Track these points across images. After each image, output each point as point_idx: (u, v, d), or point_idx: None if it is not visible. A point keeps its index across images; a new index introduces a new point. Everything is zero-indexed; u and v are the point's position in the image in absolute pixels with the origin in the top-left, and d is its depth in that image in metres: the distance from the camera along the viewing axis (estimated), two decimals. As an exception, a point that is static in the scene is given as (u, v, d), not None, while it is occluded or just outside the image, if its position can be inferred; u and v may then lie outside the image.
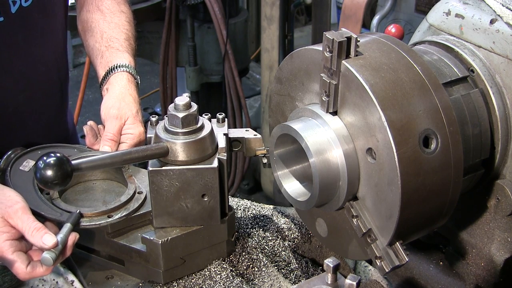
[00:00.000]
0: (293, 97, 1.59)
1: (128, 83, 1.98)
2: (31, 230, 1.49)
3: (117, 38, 2.11)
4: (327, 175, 1.41)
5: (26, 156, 1.76)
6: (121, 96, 1.93)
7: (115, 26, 2.15)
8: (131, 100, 1.93)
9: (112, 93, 1.95)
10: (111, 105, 1.90)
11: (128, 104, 1.91)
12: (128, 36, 2.15)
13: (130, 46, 2.13)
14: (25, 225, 1.49)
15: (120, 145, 1.86)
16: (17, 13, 1.96)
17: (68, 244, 1.52)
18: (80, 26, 2.26)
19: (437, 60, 1.67)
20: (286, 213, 2.02)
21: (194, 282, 1.67)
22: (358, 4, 3.34)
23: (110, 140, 1.83)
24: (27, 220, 1.50)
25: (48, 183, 1.39)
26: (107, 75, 2.01)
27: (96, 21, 2.17)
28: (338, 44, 1.33)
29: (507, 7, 1.59)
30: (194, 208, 1.62)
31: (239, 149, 1.75)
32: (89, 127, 1.89)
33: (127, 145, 1.85)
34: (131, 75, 2.01)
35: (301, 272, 1.80)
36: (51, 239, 1.47)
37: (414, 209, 1.34)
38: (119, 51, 2.07)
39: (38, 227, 1.49)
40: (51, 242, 1.47)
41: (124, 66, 2.01)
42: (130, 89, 1.96)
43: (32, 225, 1.49)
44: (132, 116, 1.89)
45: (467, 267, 1.81)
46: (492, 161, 1.65)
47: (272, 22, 4.49)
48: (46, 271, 1.52)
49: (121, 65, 2.01)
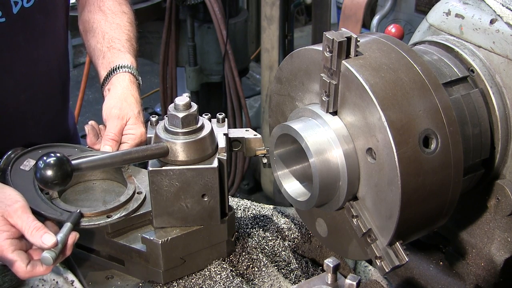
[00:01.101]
0: (293, 97, 1.59)
1: (130, 84, 1.98)
2: (31, 230, 1.49)
3: (119, 38, 2.11)
4: (327, 175, 1.41)
5: (27, 155, 1.76)
6: (123, 97, 1.93)
7: (116, 26, 2.15)
8: (133, 101, 1.93)
9: (114, 94, 1.95)
10: (113, 105, 1.90)
11: (130, 105, 1.91)
12: (130, 36, 2.15)
13: (132, 47, 2.13)
14: (24, 224, 1.49)
15: (121, 145, 1.85)
16: (19, 14, 1.96)
17: (68, 244, 1.52)
18: (82, 27, 2.25)
19: (437, 60, 1.67)
20: (286, 213, 2.02)
21: (194, 282, 1.67)
22: (358, 4, 3.34)
23: (111, 140, 1.83)
24: (27, 219, 1.49)
25: (48, 183, 1.38)
26: (108, 76, 2.01)
27: (97, 21, 2.17)
28: (338, 44, 1.33)
29: (507, 7, 1.59)
30: (194, 208, 1.62)
31: (239, 149, 1.75)
32: (90, 126, 1.89)
33: (128, 145, 1.84)
34: (133, 75, 2.00)
35: (301, 272, 1.80)
36: (50, 238, 1.47)
37: (414, 209, 1.34)
38: (121, 51, 2.07)
39: (38, 226, 1.49)
40: (50, 241, 1.46)
41: (126, 66, 2.00)
42: (132, 89, 1.96)
43: (32, 224, 1.49)
44: (134, 116, 1.89)
45: (467, 267, 1.81)
46: (492, 161, 1.65)
47: (272, 22, 4.49)
48: (46, 270, 1.52)
49: (123, 65, 2.00)
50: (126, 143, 1.85)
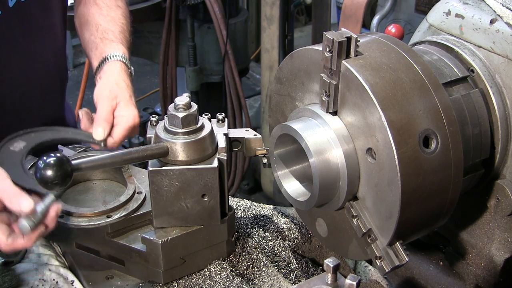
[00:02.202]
0: (293, 97, 1.59)
1: (122, 71, 1.96)
2: (10, 196, 1.45)
3: (112, 30, 2.12)
4: (327, 175, 1.41)
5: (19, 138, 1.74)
6: (115, 82, 1.91)
7: (110, 19, 2.16)
8: (124, 85, 1.91)
9: (105, 79, 1.93)
10: (103, 88, 1.88)
11: (121, 89, 1.89)
12: (123, 29, 2.16)
13: (125, 39, 2.13)
14: (4, 193, 1.45)
15: (114, 127, 1.81)
16: (15, 7, 1.97)
17: (50, 215, 1.47)
18: (77, 21, 2.27)
19: (437, 60, 1.67)
20: (286, 213, 2.02)
21: (194, 282, 1.67)
22: (358, 4, 3.34)
23: (103, 121, 1.79)
24: (7, 188, 1.46)
25: (48, 183, 1.38)
26: (101, 65, 2.00)
27: (92, 14, 2.18)
28: (338, 44, 1.33)
29: (507, 7, 1.59)
30: (194, 208, 1.62)
31: (239, 149, 1.75)
32: (84, 111, 1.86)
33: (121, 127, 1.81)
34: (124, 64, 2.00)
35: (301, 272, 1.80)
36: (28, 203, 1.43)
37: (414, 209, 1.34)
38: (113, 42, 2.07)
39: (17, 192, 1.45)
40: (28, 206, 1.42)
41: (117, 56, 2.01)
42: (123, 76, 1.95)
43: (11, 191, 1.45)
44: (125, 99, 1.86)
45: (467, 267, 1.81)
46: (492, 161, 1.65)
47: (272, 22, 4.49)
48: (27, 243, 1.48)
49: (115, 55, 2.00)
50: (119, 125, 1.81)
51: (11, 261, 1.71)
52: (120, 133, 1.80)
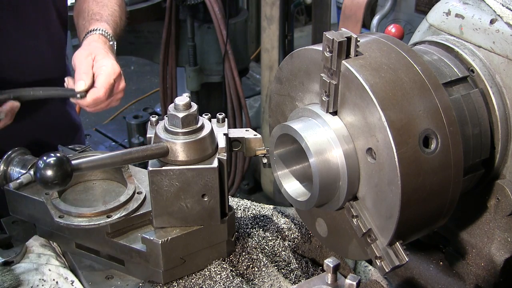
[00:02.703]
0: (293, 97, 1.59)
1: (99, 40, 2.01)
2: None
3: (101, 13, 2.17)
4: (327, 175, 1.41)
5: None
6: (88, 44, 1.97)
7: (103, 5, 2.21)
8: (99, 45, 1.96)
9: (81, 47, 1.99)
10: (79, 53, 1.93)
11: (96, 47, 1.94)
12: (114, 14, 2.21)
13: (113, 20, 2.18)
14: None
15: (96, 77, 1.86)
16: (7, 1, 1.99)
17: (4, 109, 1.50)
18: (75, 12, 2.32)
19: (437, 60, 1.67)
20: (286, 213, 2.02)
21: (194, 282, 1.67)
22: (358, 4, 3.34)
23: (82, 74, 1.83)
24: None
25: (48, 183, 1.38)
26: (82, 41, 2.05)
27: (87, 2, 2.24)
28: (338, 44, 1.33)
29: (507, 7, 1.59)
30: (194, 208, 1.62)
31: (239, 149, 1.75)
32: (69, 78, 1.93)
33: (103, 76, 1.85)
34: (104, 36, 2.04)
35: (301, 272, 1.80)
36: None
37: (414, 209, 1.34)
38: (98, 21, 2.12)
39: None
40: None
41: (98, 29, 2.05)
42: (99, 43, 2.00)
43: None
44: (101, 53, 1.91)
45: (467, 267, 1.81)
46: (492, 161, 1.65)
47: (272, 22, 4.49)
48: None
49: (96, 29, 2.05)
50: (101, 75, 1.85)
51: (11, 261, 1.71)
52: (104, 80, 1.86)
